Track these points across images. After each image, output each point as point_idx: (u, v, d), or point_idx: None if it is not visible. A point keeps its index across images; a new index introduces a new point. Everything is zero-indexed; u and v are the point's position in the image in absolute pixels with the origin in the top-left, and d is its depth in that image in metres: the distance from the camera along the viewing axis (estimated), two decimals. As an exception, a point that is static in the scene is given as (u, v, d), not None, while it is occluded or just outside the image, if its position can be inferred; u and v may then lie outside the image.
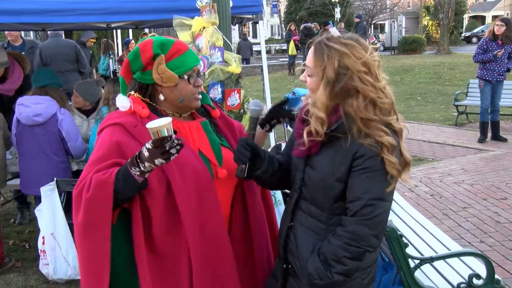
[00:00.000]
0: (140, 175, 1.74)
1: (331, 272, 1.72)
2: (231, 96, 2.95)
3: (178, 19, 3.18)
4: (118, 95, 1.92)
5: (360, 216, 1.69)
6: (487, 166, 6.86)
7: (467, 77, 13.28)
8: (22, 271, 4.17)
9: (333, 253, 1.72)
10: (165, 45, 1.89)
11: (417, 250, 3.11)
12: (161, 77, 1.88)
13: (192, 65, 1.93)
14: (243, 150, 1.84)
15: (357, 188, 1.70)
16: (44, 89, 4.11)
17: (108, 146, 1.84)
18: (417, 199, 5.61)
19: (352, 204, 1.71)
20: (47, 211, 3.83)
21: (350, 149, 1.71)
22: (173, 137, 1.68)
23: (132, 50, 1.91)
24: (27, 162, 4.13)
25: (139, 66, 1.89)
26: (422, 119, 10.29)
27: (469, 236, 4.60)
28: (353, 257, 1.71)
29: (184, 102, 1.94)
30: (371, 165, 1.69)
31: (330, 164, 1.75)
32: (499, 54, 7.54)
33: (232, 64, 3.01)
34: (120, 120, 1.88)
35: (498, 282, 2.74)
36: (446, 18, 25.40)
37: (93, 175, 1.78)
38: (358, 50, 1.71)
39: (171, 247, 1.86)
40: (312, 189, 1.82)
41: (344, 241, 1.70)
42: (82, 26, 5.87)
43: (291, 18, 31.13)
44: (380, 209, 1.69)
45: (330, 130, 1.74)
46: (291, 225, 1.90)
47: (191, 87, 1.92)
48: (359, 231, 1.69)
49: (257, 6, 4.07)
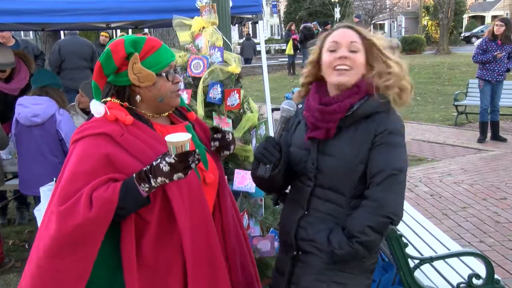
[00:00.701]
0: (147, 192, 1.68)
1: (352, 241, 1.76)
2: (231, 96, 2.94)
3: (177, 19, 3.18)
4: (92, 101, 1.81)
5: (384, 185, 1.76)
6: (487, 166, 6.86)
7: (467, 77, 13.29)
8: (22, 271, 4.13)
9: (357, 223, 1.77)
10: (137, 43, 1.79)
11: (416, 250, 3.11)
12: (137, 77, 1.77)
13: (168, 61, 1.85)
14: (272, 150, 1.84)
15: (381, 161, 1.79)
16: (44, 90, 4.10)
17: (96, 160, 1.71)
18: (416, 199, 5.61)
19: (376, 177, 1.78)
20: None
21: (368, 128, 1.82)
22: (196, 151, 1.68)
23: (103, 52, 1.79)
24: (26, 162, 4.13)
25: (113, 68, 1.78)
26: (421, 119, 10.30)
27: (469, 236, 4.61)
28: (376, 228, 1.76)
29: (164, 101, 1.85)
30: (391, 139, 1.80)
31: (349, 147, 1.83)
32: (499, 55, 7.54)
33: (232, 64, 3.00)
34: (104, 130, 1.75)
35: (498, 282, 2.74)
36: (445, 18, 25.42)
37: (90, 192, 1.66)
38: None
39: (163, 258, 1.80)
40: (330, 176, 1.86)
41: (368, 210, 1.76)
42: (82, 26, 5.85)
43: (290, 18, 31.11)
44: (401, 178, 1.79)
45: (352, 111, 1.82)
46: (305, 213, 1.92)
47: (170, 84, 1.84)
48: (384, 197, 1.76)
49: (256, 6, 4.07)
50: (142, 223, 1.78)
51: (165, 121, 1.94)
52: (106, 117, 1.77)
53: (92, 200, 1.65)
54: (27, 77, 4.75)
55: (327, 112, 1.84)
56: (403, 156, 1.84)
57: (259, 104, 4.30)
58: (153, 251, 1.78)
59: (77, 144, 1.78)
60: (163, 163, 1.65)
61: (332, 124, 1.84)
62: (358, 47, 1.87)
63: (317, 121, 1.87)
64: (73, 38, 7.41)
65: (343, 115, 1.83)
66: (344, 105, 1.82)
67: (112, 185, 1.68)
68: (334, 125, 1.84)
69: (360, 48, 1.87)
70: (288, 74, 19.34)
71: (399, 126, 1.86)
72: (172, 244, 1.80)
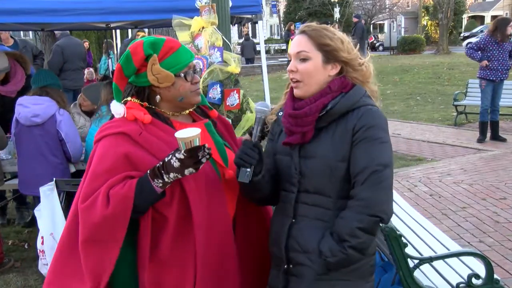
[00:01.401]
0: (162, 187, 1.72)
1: (344, 246, 1.70)
2: (231, 96, 2.95)
3: (177, 19, 3.18)
4: (113, 102, 1.87)
5: (369, 183, 1.70)
6: (486, 166, 6.86)
7: (466, 77, 13.29)
8: (21, 271, 4.17)
9: (346, 226, 1.70)
10: (156, 45, 1.83)
11: (416, 250, 3.10)
12: (156, 78, 1.82)
13: (187, 62, 1.88)
14: (251, 152, 1.78)
15: (362, 159, 1.72)
16: (44, 90, 4.11)
17: (115, 159, 1.77)
18: (416, 199, 5.61)
19: (360, 174, 1.71)
20: (47, 211, 3.82)
21: (346, 125, 1.76)
22: (206, 146, 1.70)
23: (123, 54, 1.84)
24: (26, 162, 4.13)
25: (133, 70, 1.83)
26: (421, 119, 10.30)
27: (468, 236, 4.61)
28: (366, 228, 1.69)
29: (184, 100, 1.90)
30: (371, 134, 1.73)
31: (330, 147, 1.77)
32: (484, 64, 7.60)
33: (232, 64, 3.01)
34: (123, 129, 1.80)
35: (497, 282, 2.74)
36: (445, 18, 25.43)
37: (107, 190, 1.72)
38: (331, 29, 1.86)
39: (180, 254, 1.82)
40: (314, 178, 1.80)
41: (356, 210, 1.70)
42: (81, 26, 5.87)
43: (290, 18, 31.14)
44: (387, 174, 1.72)
45: (325, 111, 1.78)
46: (293, 222, 1.85)
47: (188, 84, 1.88)
48: (371, 196, 1.69)
49: (256, 6, 4.07)
50: (161, 219, 1.81)
51: (186, 119, 1.98)
52: (126, 117, 1.83)
53: (109, 198, 1.71)
54: (23, 79, 4.76)
55: (298, 116, 1.80)
56: (387, 151, 1.76)
57: (258, 104, 4.30)
58: (171, 247, 1.81)
59: (98, 144, 1.85)
60: (174, 159, 1.69)
61: (307, 127, 1.79)
62: (307, 55, 1.81)
63: (292, 126, 1.82)
64: (71, 39, 7.47)
65: (316, 116, 1.78)
66: (315, 107, 1.78)
67: (128, 182, 1.73)
68: (309, 128, 1.79)
69: (310, 55, 1.80)
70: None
71: (379, 120, 1.78)
72: (189, 241, 1.81)
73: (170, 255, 1.82)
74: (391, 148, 1.79)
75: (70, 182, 3.99)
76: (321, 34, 1.81)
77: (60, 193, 3.88)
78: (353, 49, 1.84)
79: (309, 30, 1.84)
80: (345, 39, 1.83)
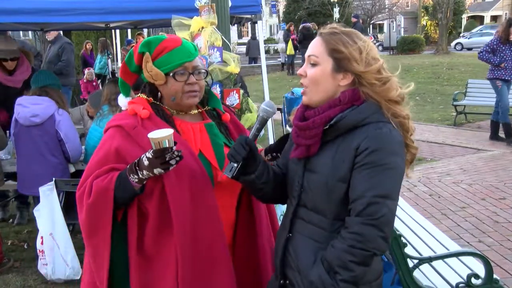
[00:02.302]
0: (138, 182, 1.78)
1: (336, 280, 1.57)
2: (230, 96, 2.95)
3: (176, 19, 3.18)
4: (119, 95, 1.98)
5: (365, 216, 1.55)
6: (486, 166, 6.87)
7: (466, 77, 13.30)
8: (21, 271, 4.16)
9: (338, 258, 1.57)
10: (151, 43, 1.91)
11: (416, 250, 3.11)
12: (150, 75, 1.91)
13: (180, 62, 1.89)
14: (239, 148, 1.71)
15: (360, 186, 1.57)
16: (44, 90, 4.11)
17: (106, 151, 1.88)
18: (415, 199, 5.61)
19: (355, 203, 1.57)
20: (46, 211, 3.82)
21: (351, 144, 1.61)
22: (174, 149, 1.71)
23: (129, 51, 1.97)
24: (25, 162, 4.12)
25: (134, 66, 1.95)
26: (420, 119, 10.29)
27: (468, 236, 4.61)
28: (360, 262, 1.57)
29: (176, 101, 1.93)
30: (374, 159, 1.57)
31: (330, 164, 1.64)
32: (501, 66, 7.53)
33: (231, 64, 3.01)
34: (121, 122, 1.90)
35: (497, 282, 2.74)
36: (444, 18, 25.42)
37: (93, 180, 1.83)
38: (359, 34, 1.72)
39: (161, 247, 1.85)
40: (312, 194, 1.70)
41: (349, 244, 1.56)
42: (81, 26, 5.87)
43: (290, 18, 31.11)
44: (386, 208, 1.55)
45: (329, 124, 1.65)
46: (289, 236, 1.77)
47: (180, 85, 1.90)
48: (365, 232, 1.55)
49: (256, 6, 4.07)
50: (145, 214, 1.87)
51: (192, 118, 2.00)
52: (128, 111, 1.93)
53: (92, 188, 1.82)
54: (29, 69, 4.83)
55: (301, 128, 1.69)
56: (391, 179, 1.58)
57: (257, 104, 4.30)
58: (154, 243, 1.86)
59: (105, 134, 1.96)
60: (144, 158, 1.74)
61: (311, 140, 1.67)
62: (317, 60, 1.68)
63: (297, 138, 1.72)
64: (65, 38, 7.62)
65: (320, 130, 1.65)
66: (319, 119, 1.65)
67: (110, 174, 1.82)
68: (314, 141, 1.66)
69: (319, 60, 1.67)
70: (287, 74, 19.35)
71: (389, 142, 1.60)
72: (171, 237, 1.83)
73: (153, 251, 1.86)
74: (399, 174, 1.62)
75: (69, 182, 3.99)
76: (336, 39, 1.66)
77: (60, 193, 3.89)
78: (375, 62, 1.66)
79: (325, 33, 1.70)
80: (365, 50, 1.65)
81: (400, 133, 1.66)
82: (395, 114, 1.66)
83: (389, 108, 1.66)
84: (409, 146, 1.72)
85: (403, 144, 1.67)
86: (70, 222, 4.10)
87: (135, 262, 1.87)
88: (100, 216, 1.83)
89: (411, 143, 1.72)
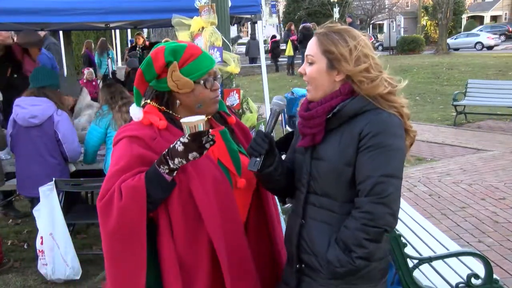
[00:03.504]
0: (169, 173, 1.75)
1: (352, 258, 1.69)
2: (230, 96, 2.95)
3: (177, 18, 3.18)
4: (132, 105, 1.90)
5: (373, 195, 1.66)
6: (486, 166, 6.87)
7: (466, 77, 13.30)
8: (21, 271, 4.17)
9: (352, 237, 1.69)
10: (177, 52, 1.86)
11: (415, 250, 3.11)
12: (176, 84, 1.85)
13: (207, 69, 1.89)
14: (261, 141, 1.79)
15: (366, 167, 1.69)
16: (42, 90, 4.09)
17: (129, 158, 1.81)
18: (415, 199, 5.62)
19: (363, 184, 1.69)
20: (46, 211, 3.82)
21: (354, 130, 1.72)
22: (210, 131, 1.74)
23: (144, 60, 1.89)
24: (24, 163, 4.12)
25: (153, 75, 1.87)
26: (420, 119, 10.31)
27: (468, 236, 4.61)
28: (373, 239, 1.68)
29: (202, 108, 1.91)
30: (377, 142, 1.68)
31: (337, 150, 1.75)
32: None
33: (231, 64, 3.01)
34: (138, 133, 1.84)
35: (497, 282, 2.74)
36: (444, 18, 25.39)
37: (120, 184, 1.76)
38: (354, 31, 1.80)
39: (191, 255, 1.84)
40: (321, 181, 1.80)
41: (361, 222, 1.67)
42: (81, 26, 5.86)
43: (289, 18, 31.12)
44: (392, 186, 1.67)
45: (332, 113, 1.75)
46: (303, 222, 1.87)
47: (208, 92, 1.89)
48: (375, 211, 1.66)
49: (255, 6, 4.07)
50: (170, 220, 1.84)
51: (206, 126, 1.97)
52: (142, 121, 1.87)
53: (122, 190, 1.75)
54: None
55: (306, 118, 1.81)
56: (395, 159, 1.70)
57: (257, 104, 4.30)
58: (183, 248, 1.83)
59: (115, 146, 1.89)
60: (178, 143, 1.73)
61: (315, 129, 1.78)
62: (313, 59, 1.79)
63: (303, 128, 1.82)
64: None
65: (324, 118, 1.76)
66: (322, 109, 1.76)
67: (138, 174, 1.77)
68: (318, 129, 1.78)
69: (315, 59, 1.79)
70: (287, 74, 19.35)
71: (388, 126, 1.72)
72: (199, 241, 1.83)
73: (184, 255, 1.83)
74: (401, 154, 1.74)
75: (69, 182, 3.99)
76: (327, 39, 1.77)
77: (60, 193, 3.89)
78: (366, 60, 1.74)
79: (319, 33, 1.80)
80: (355, 49, 1.73)
81: (398, 117, 1.77)
82: (390, 104, 1.77)
83: (382, 101, 1.76)
84: (408, 130, 1.83)
85: (402, 126, 1.79)
86: (70, 222, 4.10)
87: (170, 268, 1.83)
88: (134, 218, 1.75)
89: (410, 127, 1.83)
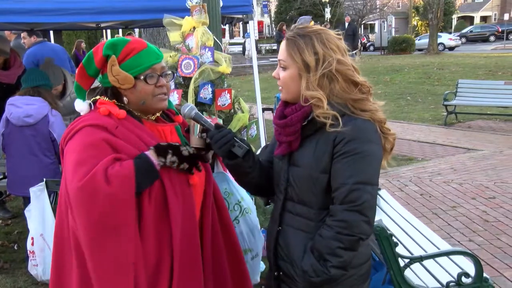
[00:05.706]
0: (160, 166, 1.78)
1: (327, 267, 1.66)
2: (222, 96, 2.94)
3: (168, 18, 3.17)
4: (76, 100, 1.86)
5: (348, 203, 1.63)
6: (476, 165, 6.91)
7: (456, 77, 13.38)
8: (11, 272, 4.14)
9: (326, 246, 1.66)
10: (116, 46, 1.81)
11: (407, 249, 3.12)
12: (117, 79, 1.80)
13: (149, 64, 1.84)
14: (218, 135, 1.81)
15: (341, 174, 1.66)
16: (36, 90, 4.08)
17: (98, 143, 1.73)
18: (406, 199, 5.64)
19: (338, 191, 1.66)
20: (37, 212, 3.79)
21: (329, 137, 1.69)
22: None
23: (87, 54, 1.86)
24: (16, 162, 4.09)
25: (94, 69, 1.84)
26: (411, 119, 10.35)
27: (458, 235, 4.64)
28: (347, 247, 1.65)
29: (146, 104, 1.86)
30: (351, 148, 1.65)
31: (312, 157, 1.72)
32: None
33: (223, 64, 3.00)
34: (99, 122, 1.78)
35: (487, 281, 2.76)
36: (435, 18, 25.54)
37: (104, 169, 1.67)
38: (328, 33, 1.75)
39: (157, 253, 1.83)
40: (298, 188, 1.78)
41: (336, 231, 1.65)
42: (71, 26, 5.82)
43: (281, 18, 31.17)
44: (367, 193, 1.64)
45: (307, 120, 1.73)
46: (279, 229, 1.85)
47: (151, 88, 1.84)
48: (349, 219, 1.63)
49: (247, 6, 4.06)
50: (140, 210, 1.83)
51: (158, 121, 1.97)
52: (98, 111, 1.82)
53: (109, 177, 1.67)
54: (22, 65, 4.91)
55: (281, 126, 1.78)
56: (369, 165, 1.67)
57: (249, 104, 4.30)
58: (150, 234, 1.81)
59: (73, 138, 1.79)
60: (186, 148, 1.80)
61: (292, 137, 1.75)
62: (285, 64, 1.76)
63: (279, 136, 1.81)
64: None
65: (298, 127, 1.73)
66: (296, 117, 1.73)
67: (124, 162, 1.72)
68: (294, 137, 1.75)
69: (286, 64, 1.76)
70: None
71: (363, 131, 1.68)
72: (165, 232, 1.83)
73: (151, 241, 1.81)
74: (376, 160, 1.71)
75: (60, 182, 3.96)
76: (294, 45, 1.73)
77: (51, 194, 3.86)
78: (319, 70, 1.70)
79: (289, 37, 1.77)
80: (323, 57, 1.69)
81: (373, 123, 1.73)
82: (362, 109, 1.73)
83: (354, 106, 1.73)
84: (386, 134, 1.78)
85: (377, 132, 1.74)
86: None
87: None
88: (124, 209, 1.69)
89: (388, 131, 1.79)
